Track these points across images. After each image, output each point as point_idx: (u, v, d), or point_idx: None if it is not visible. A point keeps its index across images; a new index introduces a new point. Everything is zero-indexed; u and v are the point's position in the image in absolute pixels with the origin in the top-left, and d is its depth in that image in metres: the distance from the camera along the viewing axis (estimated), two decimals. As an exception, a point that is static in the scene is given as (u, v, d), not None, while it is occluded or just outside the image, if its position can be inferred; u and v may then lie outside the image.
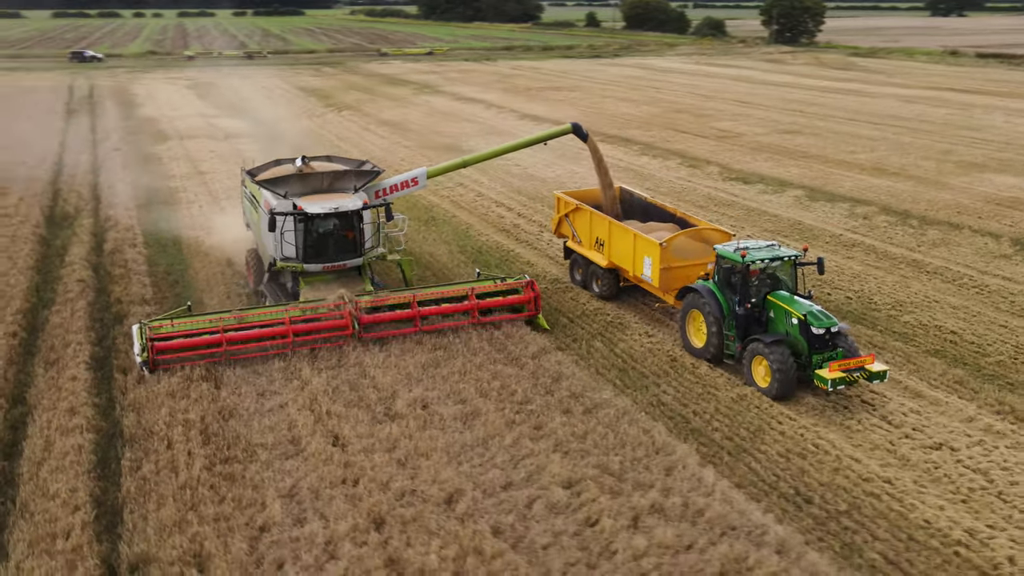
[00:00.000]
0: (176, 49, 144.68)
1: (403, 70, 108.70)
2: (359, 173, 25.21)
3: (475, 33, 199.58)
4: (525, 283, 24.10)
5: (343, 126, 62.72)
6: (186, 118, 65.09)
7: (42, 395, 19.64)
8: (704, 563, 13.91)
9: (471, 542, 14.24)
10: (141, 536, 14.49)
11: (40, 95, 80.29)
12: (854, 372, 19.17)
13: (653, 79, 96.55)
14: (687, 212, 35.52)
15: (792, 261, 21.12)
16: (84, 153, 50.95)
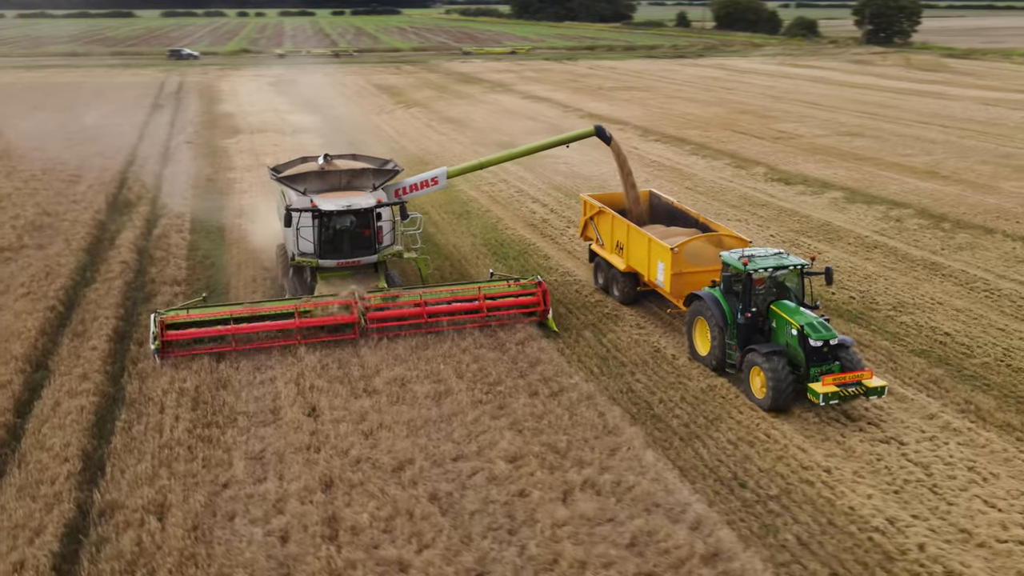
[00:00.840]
0: (269, 48, 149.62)
1: (481, 69, 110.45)
2: (377, 172, 25.87)
3: (563, 32, 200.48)
4: (535, 285, 24.20)
5: (407, 123, 64.59)
6: (261, 113, 67.93)
7: (62, 362, 21.63)
8: (616, 535, 14.81)
9: (404, 505, 15.45)
10: (115, 486, 16.13)
11: (133, 91, 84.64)
12: (849, 387, 18.59)
13: (729, 80, 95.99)
14: (718, 213, 36.26)
15: (799, 270, 20.60)
16: (158, 145, 53.96)
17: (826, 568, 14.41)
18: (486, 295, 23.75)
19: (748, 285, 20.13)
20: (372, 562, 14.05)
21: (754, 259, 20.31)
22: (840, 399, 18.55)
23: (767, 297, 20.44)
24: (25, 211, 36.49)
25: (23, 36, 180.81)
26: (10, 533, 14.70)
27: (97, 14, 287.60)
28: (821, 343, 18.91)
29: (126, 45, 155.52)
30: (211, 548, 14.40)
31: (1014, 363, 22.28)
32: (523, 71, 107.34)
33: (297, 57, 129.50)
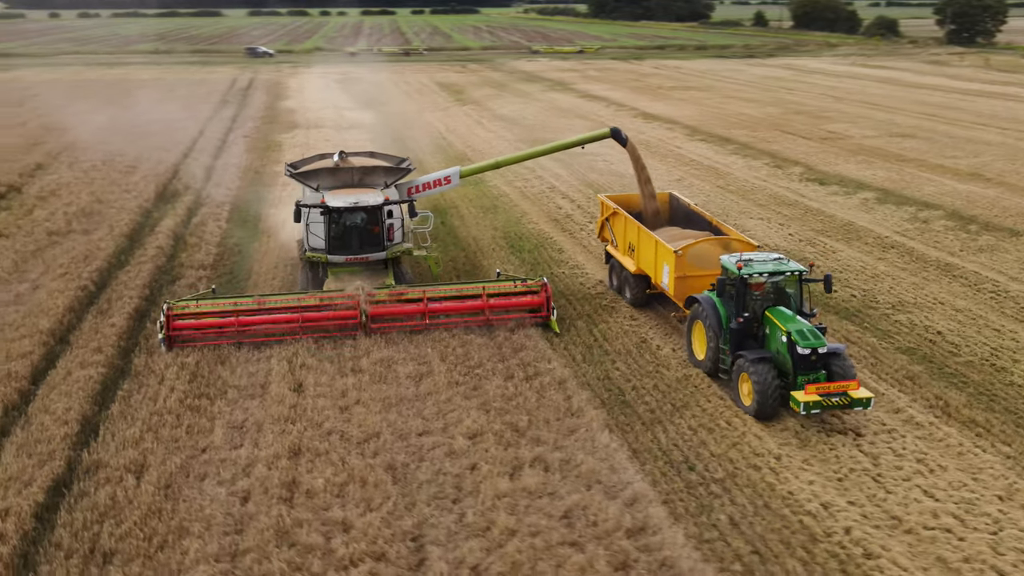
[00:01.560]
0: (343, 46, 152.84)
1: (545, 68, 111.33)
2: (389, 170, 26.34)
3: (637, 32, 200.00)
4: (540, 287, 24.24)
5: (458, 120, 65.89)
6: (321, 109, 70.02)
7: (82, 336, 23.36)
8: (552, 507, 15.66)
9: (360, 473, 16.56)
10: (104, 448, 17.61)
11: (205, 87, 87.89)
12: (833, 397, 18.19)
13: (793, 80, 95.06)
14: (742, 212, 36.67)
15: (796, 276, 20.18)
16: (215, 139, 56.30)
17: (749, 546, 15.02)
18: (489, 294, 23.81)
19: (742, 290, 19.87)
20: (318, 522, 15.17)
21: (751, 264, 20.08)
22: (823, 408, 18.14)
23: (764, 303, 20.11)
24: (79, 199, 38.77)
25: (113, 35, 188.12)
26: (2, 484, 16.23)
27: (186, 13, 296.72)
28: (809, 351, 18.57)
29: (208, 43, 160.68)
30: (176, 504, 15.71)
31: (998, 363, 22.35)
32: (587, 70, 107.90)
33: (368, 55, 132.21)
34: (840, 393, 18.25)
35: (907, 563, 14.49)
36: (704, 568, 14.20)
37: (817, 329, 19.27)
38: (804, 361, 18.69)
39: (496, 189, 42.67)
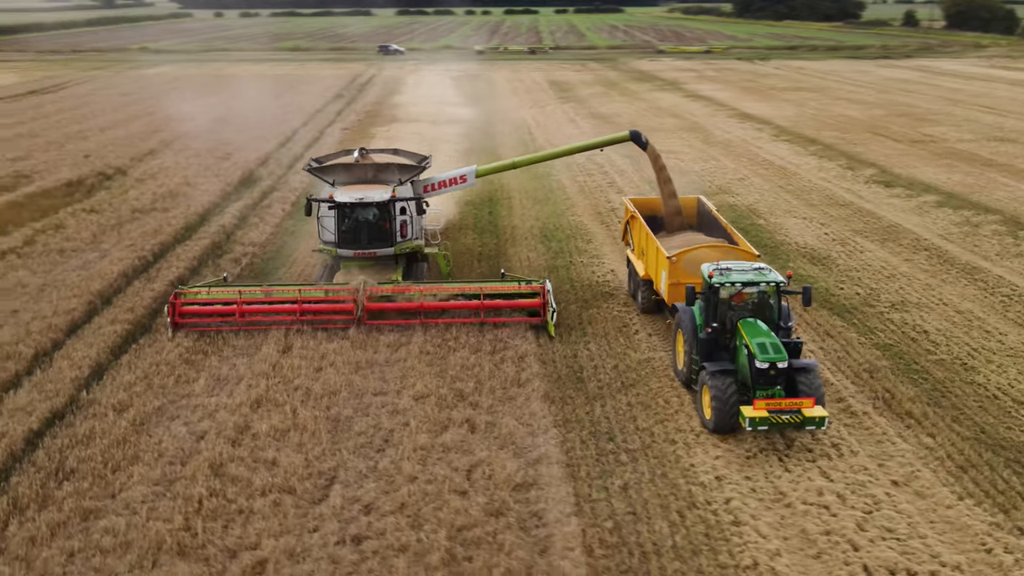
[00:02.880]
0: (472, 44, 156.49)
1: (664, 67, 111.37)
2: (403, 167, 26.68)
3: (777, 32, 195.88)
4: (538, 289, 24.27)
5: (553, 117, 67.46)
6: (425, 105, 73.01)
7: (123, 298, 26.44)
8: (459, 461, 17.30)
9: (303, 422, 18.64)
10: (101, 389, 20.35)
11: (327, 82, 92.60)
12: (783, 414, 17.56)
13: (918, 82, 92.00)
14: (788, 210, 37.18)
15: (773, 288, 19.56)
16: (315, 131, 59.94)
17: (628, 508, 16.20)
18: (486, 295, 24.02)
19: (712, 299, 19.37)
20: (251, 459, 17.32)
21: (728, 272, 19.57)
22: (770, 426, 17.54)
23: (740, 313, 19.51)
24: (171, 181, 42.63)
25: (265, 33, 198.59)
26: (9, 414, 19.13)
27: (339, 12, 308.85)
28: (766, 365, 17.97)
29: (349, 41, 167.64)
30: (140, 438, 18.19)
31: (971, 362, 22.43)
32: (705, 70, 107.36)
33: (494, 54, 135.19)
34: (792, 410, 17.61)
35: (768, 532, 15.37)
36: (569, 520, 15.48)
37: (793, 343, 19.06)
38: (763, 375, 18.08)
39: (556, 182, 44.15)
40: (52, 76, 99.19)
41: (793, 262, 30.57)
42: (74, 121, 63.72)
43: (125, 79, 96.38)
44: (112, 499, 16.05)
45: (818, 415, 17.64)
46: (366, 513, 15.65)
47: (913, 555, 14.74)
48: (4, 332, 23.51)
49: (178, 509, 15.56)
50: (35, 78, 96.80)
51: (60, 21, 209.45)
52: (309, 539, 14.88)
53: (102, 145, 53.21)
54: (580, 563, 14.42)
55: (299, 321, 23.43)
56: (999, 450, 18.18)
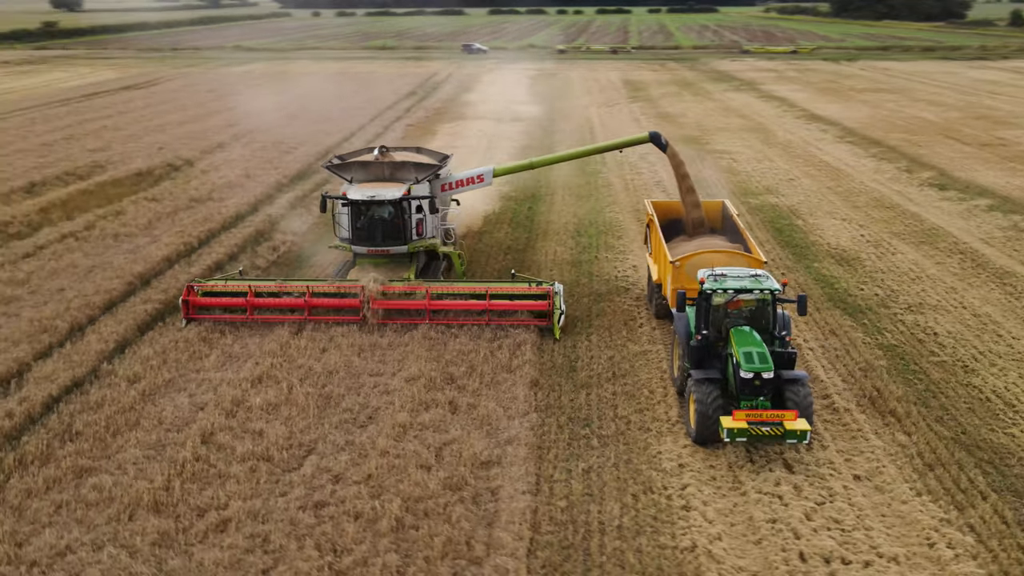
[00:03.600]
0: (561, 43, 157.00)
1: (745, 68, 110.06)
2: (419, 166, 26.65)
3: (872, 32, 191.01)
4: (545, 291, 24.02)
5: (617, 116, 67.68)
6: (494, 103, 74.06)
7: (161, 280, 28.11)
8: (432, 439, 18.16)
9: (296, 398, 19.79)
10: (121, 362, 21.91)
11: (403, 80, 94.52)
12: (764, 426, 17.20)
13: (1009, 84, 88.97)
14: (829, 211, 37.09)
15: (768, 296, 18.97)
16: (380, 127, 61.55)
17: (586, 489, 16.78)
18: (492, 295, 24.03)
19: (703, 305, 18.96)
20: (239, 429, 18.51)
21: (722, 279, 19.08)
22: (749, 437, 17.17)
23: (736, 320, 19.05)
24: (232, 172, 44.60)
25: (357, 32, 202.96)
26: (35, 381, 20.76)
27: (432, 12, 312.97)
28: (751, 375, 17.54)
29: (435, 40, 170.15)
30: (145, 407, 19.59)
31: (973, 365, 22.24)
32: (786, 71, 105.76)
33: (576, 53, 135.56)
34: (773, 422, 17.22)
35: (715, 517, 15.80)
36: (523, 498, 16.17)
37: (787, 354, 18.61)
38: (747, 385, 17.66)
39: (603, 179, 44.63)
40: (147, 73, 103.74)
41: (819, 262, 30.50)
42: (157, 115, 66.80)
43: (214, 76, 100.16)
44: (107, 459, 17.40)
45: (800, 428, 17.14)
46: (334, 483, 16.62)
47: (852, 545, 14.98)
48: (47, 308, 25.28)
49: (162, 471, 16.80)
50: (131, 74, 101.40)
51: (164, 20, 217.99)
52: (275, 503, 15.92)
53: (177, 138, 55.77)
54: (523, 536, 15.08)
55: (307, 316, 23.90)
56: (974, 450, 18.13)
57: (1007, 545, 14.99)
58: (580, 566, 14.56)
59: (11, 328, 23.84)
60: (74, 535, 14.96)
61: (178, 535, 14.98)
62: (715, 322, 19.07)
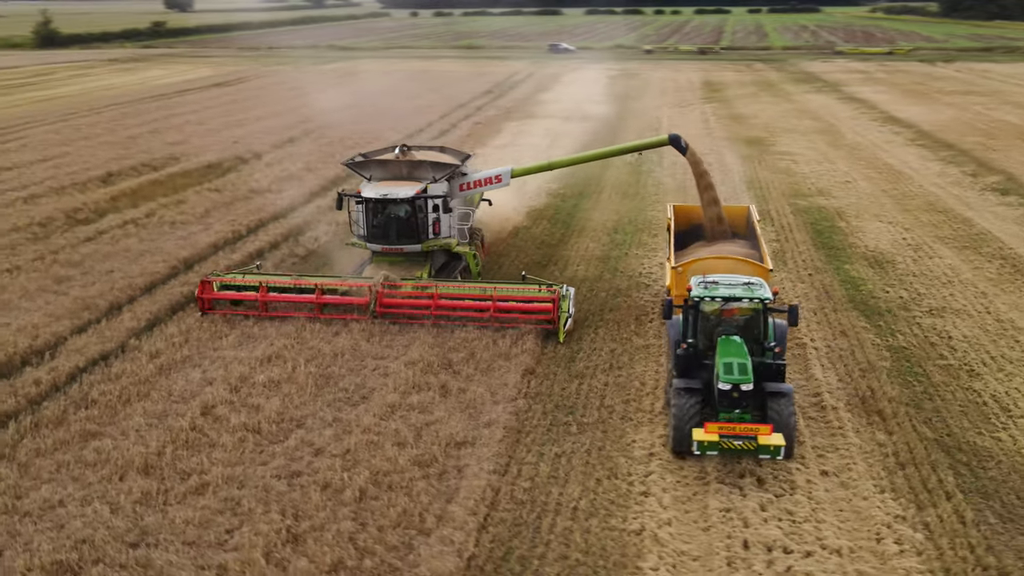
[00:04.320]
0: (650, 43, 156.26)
1: (834, 69, 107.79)
2: (436, 165, 26.58)
3: (981, 32, 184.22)
4: (551, 294, 23.79)
5: (687, 117, 67.41)
6: (566, 102, 74.62)
7: (204, 266, 29.68)
8: (416, 418, 19.01)
9: (297, 376, 20.87)
10: (148, 339, 23.42)
11: (482, 78, 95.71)
12: (736, 439, 16.82)
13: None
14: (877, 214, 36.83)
15: (759, 305, 18.42)
16: (446, 124, 62.78)
17: (552, 471, 17.36)
18: (498, 297, 23.91)
19: (690, 313, 18.59)
20: (239, 403, 19.67)
21: (713, 287, 18.63)
22: (721, 451, 16.89)
23: (727, 329, 18.48)
24: (294, 166, 46.38)
25: (451, 31, 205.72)
26: (67, 353, 22.40)
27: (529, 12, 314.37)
28: (729, 387, 17.04)
29: (525, 40, 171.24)
30: (159, 380, 20.96)
31: (979, 369, 21.95)
32: (876, 72, 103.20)
33: (664, 53, 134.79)
34: (748, 436, 16.79)
35: (670, 504, 16.20)
36: (488, 476, 16.83)
37: (775, 366, 18.08)
38: (725, 397, 17.15)
39: (654, 178, 44.81)
40: (239, 71, 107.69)
41: (850, 264, 30.23)
42: (240, 111, 69.54)
43: (301, 74, 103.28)
44: (113, 426, 18.78)
45: (774, 443, 16.76)
46: (313, 455, 17.60)
47: (799, 536, 15.20)
48: (94, 287, 27.07)
49: (159, 438, 18.07)
50: (224, 72, 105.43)
51: (267, 20, 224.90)
52: (254, 471, 16.98)
53: (252, 132, 58.09)
54: (477, 513, 15.75)
55: (316, 314, 24.28)
56: (955, 452, 18.01)
57: (957, 544, 14.97)
58: (527, 543, 15.15)
59: (57, 305, 25.61)
60: (68, 491, 16.28)
61: (159, 495, 16.15)
62: (706, 331, 18.58)
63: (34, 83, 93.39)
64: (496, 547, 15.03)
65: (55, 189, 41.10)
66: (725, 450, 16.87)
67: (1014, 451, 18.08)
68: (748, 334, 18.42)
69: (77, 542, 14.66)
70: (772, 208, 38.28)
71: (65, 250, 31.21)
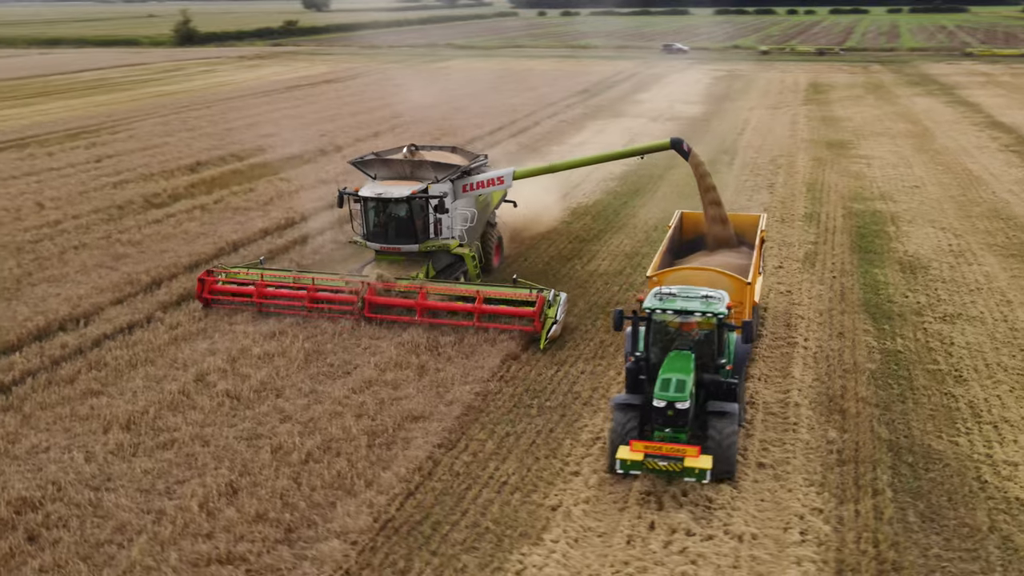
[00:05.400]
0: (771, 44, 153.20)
1: (955, 71, 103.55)
2: (439, 166, 26.53)
3: None
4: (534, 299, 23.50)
5: (777, 120, 66.22)
6: (659, 102, 74.70)
7: (248, 249, 31.73)
8: (385, 393, 20.19)
9: (289, 351, 22.35)
10: (171, 314, 25.28)
11: (585, 77, 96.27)
12: (661, 460, 16.17)
13: None
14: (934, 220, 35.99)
15: (712, 319, 17.51)
16: (529, 121, 63.86)
17: (496, 450, 18.25)
18: (484, 298, 23.83)
19: (639, 325, 17.90)
20: (231, 372, 21.29)
21: (669, 298, 17.87)
22: (644, 471, 16.31)
23: (683, 343, 17.74)
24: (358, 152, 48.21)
25: (572, 31, 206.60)
26: (100, 322, 24.60)
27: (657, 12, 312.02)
28: (663, 404, 16.32)
29: (642, 39, 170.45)
30: (169, 348, 22.84)
31: (968, 375, 21.57)
32: (1000, 75, 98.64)
33: (779, 54, 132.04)
34: (674, 457, 16.13)
35: (596, 483, 16.81)
36: (433, 450, 17.82)
37: (726, 384, 17.44)
38: (660, 415, 16.45)
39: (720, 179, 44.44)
40: (352, 68, 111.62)
41: (879, 268, 29.81)
42: (337, 106, 72.50)
43: (409, 71, 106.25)
44: (114, 387, 20.70)
45: (699, 467, 16.01)
46: (280, 421, 19.01)
47: (706, 521, 15.58)
48: (143, 265, 29.46)
49: (148, 399, 19.88)
50: (338, 69, 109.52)
51: (395, 19, 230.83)
52: (221, 431, 18.52)
53: (342, 127, 60.70)
54: (410, 480, 16.81)
55: (306, 305, 24.55)
56: (904, 453, 17.97)
57: (863, 538, 15.11)
58: (445, 509, 16.10)
59: (106, 279, 28.03)
60: (55, 440, 18.20)
61: (129, 448, 17.87)
62: (663, 344, 17.86)
63: (161, 79, 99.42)
64: (416, 512, 16.02)
65: (144, 176, 44.30)
66: (650, 470, 16.26)
67: (966, 455, 17.89)
68: (706, 350, 17.71)
69: (46, 482, 16.47)
70: (824, 211, 37.79)
71: (131, 231, 33.84)
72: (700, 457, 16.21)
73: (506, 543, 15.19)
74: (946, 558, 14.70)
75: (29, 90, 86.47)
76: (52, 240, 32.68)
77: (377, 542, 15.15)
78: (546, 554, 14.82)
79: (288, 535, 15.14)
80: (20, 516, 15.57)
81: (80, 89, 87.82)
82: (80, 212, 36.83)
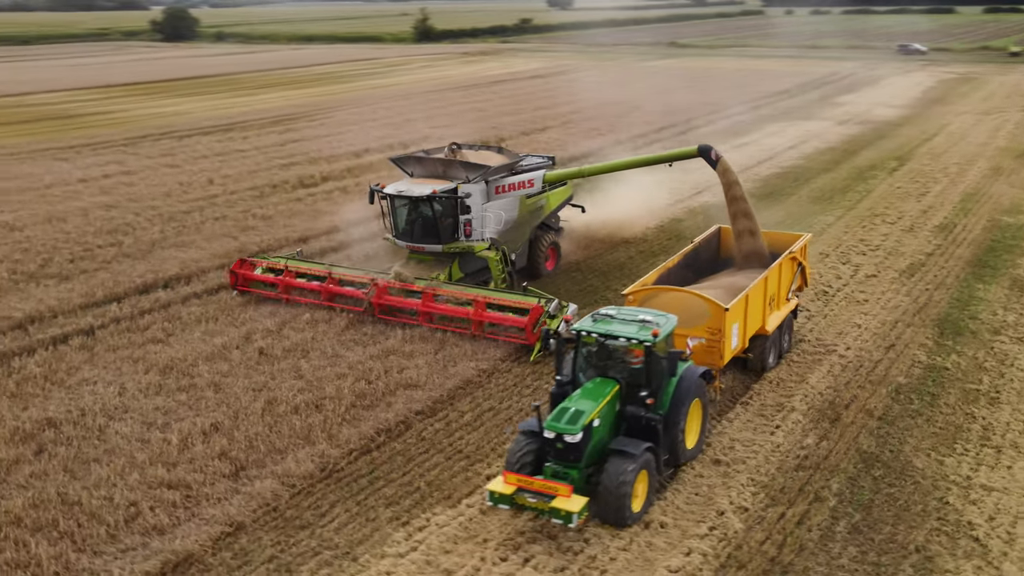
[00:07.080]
0: None
1: None
2: (469, 165, 26.22)
3: None
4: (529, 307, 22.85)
5: (980, 125, 61.05)
6: (859, 105, 71.13)
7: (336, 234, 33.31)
8: (393, 360, 21.64)
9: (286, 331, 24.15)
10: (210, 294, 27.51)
11: (796, 78, 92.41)
12: (530, 496, 14.68)
13: None
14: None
15: (641, 345, 15.94)
16: (704, 120, 63.04)
17: (473, 419, 19.22)
18: (487, 303, 23.41)
19: (561, 348, 17.03)
20: (277, 334, 23.48)
21: (605, 320, 16.73)
22: (513, 506, 14.92)
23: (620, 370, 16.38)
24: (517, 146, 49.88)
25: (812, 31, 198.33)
26: (201, 280, 27.67)
27: (917, 10, 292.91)
28: (553, 435, 14.99)
29: (882, 39, 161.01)
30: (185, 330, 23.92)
31: (1006, 399, 20.16)
32: None
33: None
34: (545, 495, 14.60)
35: (538, 461, 17.40)
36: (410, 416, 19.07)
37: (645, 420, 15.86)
38: (551, 447, 15.13)
39: (871, 185, 42.63)
40: (564, 64, 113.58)
41: (987, 284, 27.90)
42: (528, 101, 74.57)
43: (617, 69, 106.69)
44: (174, 337, 23.50)
45: (566, 509, 14.26)
46: (293, 378, 20.87)
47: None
48: (259, 237, 32.61)
49: (195, 350, 22.49)
50: (550, 66, 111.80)
51: (631, 18, 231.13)
52: (236, 382, 20.61)
53: (516, 120, 62.65)
54: (374, 439, 18.15)
55: (323, 301, 25.08)
56: (872, 464, 17.31)
57: (771, 539, 14.91)
58: (391, 468, 17.30)
59: (221, 247, 31.30)
60: (103, 376, 21.05)
61: (155, 387, 20.41)
62: (600, 368, 16.56)
63: (384, 72, 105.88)
64: (363, 468, 17.34)
65: (312, 160, 48.27)
66: (517, 505, 14.83)
67: (942, 476, 16.91)
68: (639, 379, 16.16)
69: (75, 408, 19.23)
70: (964, 222, 35.33)
71: (268, 207, 37.31)
72: (572, 498, 14.40)
73: (426, 504, 16.17)
74: (848, 568, 14.21)
75: (258, 83, 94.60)
76: (201, 211, 36.62)
77: (315, 489, 16.60)
78: (453, 516, 15.70)
79: (237, 472, 16.90)
80: (41, 432, 18.33)
81: (304, 81, 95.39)
82: (238, 188, 40.89)
